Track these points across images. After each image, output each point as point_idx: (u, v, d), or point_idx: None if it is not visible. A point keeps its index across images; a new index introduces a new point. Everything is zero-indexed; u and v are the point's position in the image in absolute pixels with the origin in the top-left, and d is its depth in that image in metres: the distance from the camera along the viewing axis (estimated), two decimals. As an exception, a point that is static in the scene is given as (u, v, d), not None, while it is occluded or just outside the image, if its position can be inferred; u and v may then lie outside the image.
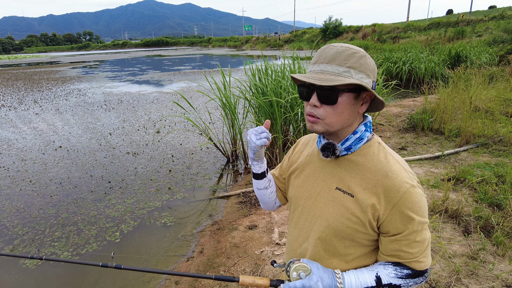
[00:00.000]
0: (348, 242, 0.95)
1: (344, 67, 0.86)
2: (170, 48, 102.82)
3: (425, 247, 0.91)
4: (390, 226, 0.89)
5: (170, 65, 29.91)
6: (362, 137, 0.94)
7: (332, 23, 47.07)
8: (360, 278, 0.91)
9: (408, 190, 0.87)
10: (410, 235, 0.88)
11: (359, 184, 0.92)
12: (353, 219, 0.92)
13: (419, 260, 0.90)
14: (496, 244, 2.64)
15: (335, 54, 0.87)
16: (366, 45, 25.18)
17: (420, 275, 0.93)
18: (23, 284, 2.96)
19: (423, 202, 0.89)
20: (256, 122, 5.21)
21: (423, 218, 0.89)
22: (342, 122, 0.91)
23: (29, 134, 7.83)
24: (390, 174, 0.88)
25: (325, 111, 0.89)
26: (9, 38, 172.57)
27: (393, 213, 0.87)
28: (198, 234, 3.60)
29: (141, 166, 5.67)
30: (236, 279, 1.00)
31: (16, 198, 4.59)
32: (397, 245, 0.90)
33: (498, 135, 5.07)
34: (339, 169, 0.96)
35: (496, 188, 3.40)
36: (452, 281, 2.31)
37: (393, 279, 0.91)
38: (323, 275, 0.91)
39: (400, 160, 0.93)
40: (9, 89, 16.20)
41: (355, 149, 0.94)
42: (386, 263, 0.94)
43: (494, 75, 8.88)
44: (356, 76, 0.86)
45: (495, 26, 23.09)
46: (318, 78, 0.86)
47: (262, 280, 0.99)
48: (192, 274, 1.11)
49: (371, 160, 0.92)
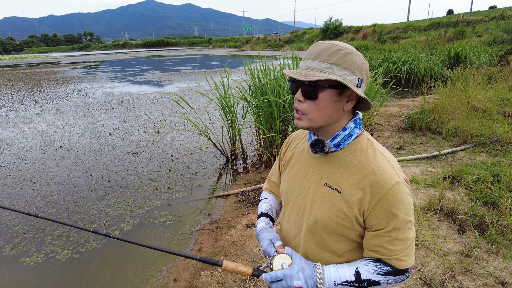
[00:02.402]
0: (337, 237, 0.96)
1: (327, 64, 0.86)
2: (170, 48, 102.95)
3: (407, 246, 0.91)
4: (374, 221, 0.90)
5: (171, 65, 29.97)
6: (351, 133, 0.94)
7: (332, 23, 47.14)
8: (340, 272, 0.92)
9: (394, 187, 0.87)
10: (393, 232, 0.89)
11: (346, 180, 0.93)
12: (340, 215, 0.93)
13: (400, 258, 0.90)
14: (490, 242, 2.67)
15: (321, 51, 0.88)
16: (366, 46, 25.20)
17: (400, 274, 0.93)
18: (24, 282, 2.99)
19: (408, 200, 0.89)
20: (255, 122, 5.25)
21: (407, 217, 0.89)
22: (325, 118, 0.91)
23: (30, 134, 7.87)
24: (376, 170, 0.89)
25: (308, 106, 0.91)
26: (10, 39, 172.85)
27: (377, 208, 0.88)
28: (197, 233, 3.63)
29: (140, 165, 5.71)
30: (219, 263, 1.01)
31: (16, 197, 4.63)
32: (379, 241, 0.91)
33: (495, 134, 5.10)
34: (328, 165, 0.97)
35: (491, 187, 3.43)
36: (446, 278, 2.34)
37: (372, 275, 0.91)
38: (304, 266, 0.92)
39: (388, 157, 0.93)
40: (10, 90, 16.25)
41: (344, 146, 0.95)
42: (367, 259, 0.95)
43: (492, 75, 8.91)
44: (338, 72, 0.86)
45: (495, 27, 23.11)
46: (301, 74, 0.88)
47: (245, 268, 1.00)
48: (177, 252, 1.12)
49: (359, 157, 0.93)
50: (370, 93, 5.55)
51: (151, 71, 24.76)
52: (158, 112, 9.87)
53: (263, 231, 1.11)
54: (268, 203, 1.26)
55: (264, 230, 1.12)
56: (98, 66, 32.93)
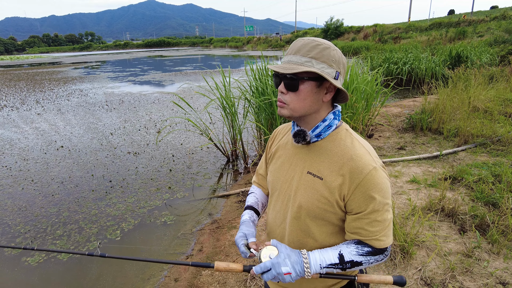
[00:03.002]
0: (320, 221, 1.03)
1: (307, 58, 0.93)
2: (171, 48, 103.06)
3: (385, 226, 0.97)
4: (354, 205, 0.96)
5: (172, 65, 30.00)
6: (330, 124, 1.01)
7: (333, 23, 47.12)
8: (325, 255, 0.98)
9: (371, 172, 0.93)
10: (371, 214, 0.95)
11: (327, 167, 0.99)
12: (322, 200, 0.99)
13: (379, 238, 0.97)
14: (491, 242, 2.67)
15: (301, 46, 0.95)
16: (367, 46, 25.18)
17: (380, 253, 0.99)
18: (26, 281, 3.01)
19: (385, 184, 0.96)
20: (256, 122, 5.26)
21: (385, 199, 0.95)
22: (306, 108, 0.98)
23: (31, 134, 7.89)
24: (354, 157, 0.96)
25: (290, 97, 0.98)
26: (11, 39, 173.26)
27: (357, 192, 0.94)
28: (198, 233, 3.64)
29: (142, 165, 5.72)
30: (211, 265, 1.06)
31: (18, 197, 4.64)
32: (359, 223, 0.97)
33: (496, 135, 5.09)
34: (311, 154, 1.04)
35: (492, 187, 3.43)
36: (447, 278, 2.34)
37: (354, 256, 0.97)
38: (290, 253, 0.98)
39: (365, 145, 1.00)
40: (12, 90, 16.30)
41: (324, 136, 1.02)
42: (349, 242, 1.01)
43: (494, 75, 8.89)
44: (317, 66, 0.93)
45: (497, 27, 23.07)
46: (283, 67, 0.94)
47: (236, 265, 1.05)
48: (168, 261, 1.19)
49: (338, 145, 1.00)
50: (371, 94, 5.55)
51: (152, 71, 24.79)
52: (159, 112, 9.88)
53: (244, 224, 1.18)
54: (255, 196, 1.31)
55: (245, 223, 1.18)
56: (99, 66, 32.99)
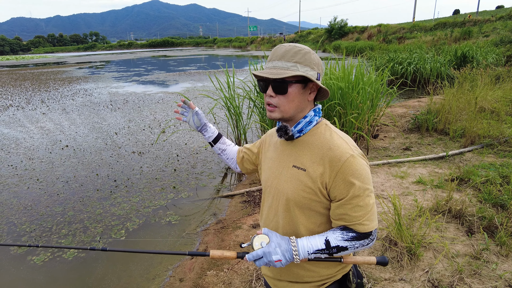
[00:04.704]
0: (308, 212, 1.10)
1: (292, 62, 1.02)
2: (175, 48, 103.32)
3: (368, 211, 1.02)
4: (336, 192, 1.03)
5: (176, 65, 30.06)
6: (311, 120, 1.10)
7: (337, 23, 46.91)
8: (312, 242, 1.04)
9: (348, 159, 1.00)
10: (353, 200, 1.01)
11: (309, 159, 1.07)
12: (306, 190, 1.06)
13: (362, 223, 1.02)
14: (499, 244, 2.63)
15: (284, 52, 1.03)
16: (371, 46, 25.08)
17: (365, 237, 1.04)
18: (32, 279, 3.01)
19: (364, 170, 1.02)
20: (261, 122, 5.24)
21: (365, 185, 1.01)
22: (294, 108, 1.07)
23: (37, 134, 7.93)
24: (333, 147, 1.04)
25: (279, 100, 1.05)
26: (17, 39, 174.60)
27: (337, 180, 1.01)
28: (202, 233, 3.63)
29: (146, 165, 5.73)
30: (207, 253, 1.12)
31: (23, 196, 4.66)
32: (343, 209, 1.03)
33: (503, 135, 5.04)
34: (295, 149, 1.12)
35: (500, 188, 3.39)
36: (455, 281, 2.32)
37: (340, 242, 1.03)
38: (280, 241, 1.04)
39: (343, 136, 1.08)
40: (17, 89, 16.41)
41: (306, 131, 1.10)
42: (335, 228, 1.07)
43: (500, 75, 8.81)
44: (302, 69, 1.02)
45: (503, 26, 22.89)
46: (270, 73, 1.02)
47: (229, 253, 1.11)
48: (165, 252, 1.31)
49: (318, 138, 1.08)
50: (376, 94, 5.51)
51: (156, 71, 24.86)
52: (164, 112, 9.90)
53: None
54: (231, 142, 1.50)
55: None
56: (104, 66, 33.14)
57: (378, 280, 2.41)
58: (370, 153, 5.25)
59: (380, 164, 4.61)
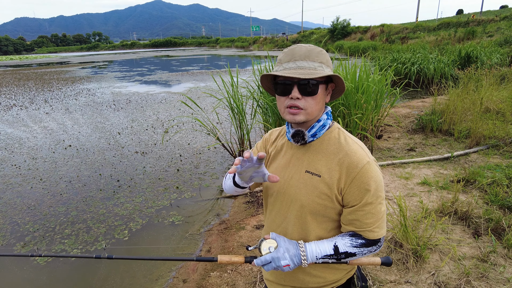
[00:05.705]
0: (320, 218, 1.07)
1: (317, 62, 0.99)
2: (178, 48, 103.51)
3: (379, 218, 1.02)
4: (350, 198, 1.01)
5: (178, 65, 30.10)
6: (324, 124, 1.07)
7: (340, 23, 46.80)
8: (320, 247, 1.03)
9: (365, 166, 0.99)
10: (366, 207, 1.00)
11: (324, 165, 1.04)
12: (322, 197, 1.04)
13: (373, 230, 1.02)
14: (507, 247, 2.60)
15: (308, 52, 0.99)
16: (374, 46, 24.99)
17: (373, 244, 1.04)
18: (35, 280, 3.01)
19: (379, 177, 1.01)
20: (264, 122, 5.22)
21: (378, 192, 1.01)
22: (319, 110, 1.04)
23: (40, 133, 7.95)
24: (350, 152, 1.01)
25: (306, 102, 1.00)
26: (21, 39, 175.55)
27: (352, 186, 1.00)
28: (206, 233, 3.62)
29: (149, 165, 5.72)
30: (214, 259, 1.10)
31: (27, 196, 4.67)
32: (355, 216, 1.02)
33: (509, 136, 4.99)
34: (307, 154, 1.08)
35: (507, 190, 3.35)
36: (461, 284, 2.29)
37: (349, 248, 1.03)
38: (289, 246, 1.03)
39: (357, 141, 1.06)
40: (21, 89, 16.48)
41: (319, 135, 1.07)
42: (344, 234, 1.06)
43: (505, 75, 8.74)
44: (326, 69, 1.00)
45: (507, 26, 22.76)
46: (300, 73, 0.96)
47: (237, 258, 1.09)
48: (173, 258, 1.26)
49: (333, 144, 1.05)
50: (380, 94, 5.48)
51: (159, 71, 24.89)
52: (166, 112, 9.89)
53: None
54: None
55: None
56: (107, 66, 33.23)
57: (383, 283, 2.38)
58: (374, 154, 5.21)
59: (385, 165, 4.58)
